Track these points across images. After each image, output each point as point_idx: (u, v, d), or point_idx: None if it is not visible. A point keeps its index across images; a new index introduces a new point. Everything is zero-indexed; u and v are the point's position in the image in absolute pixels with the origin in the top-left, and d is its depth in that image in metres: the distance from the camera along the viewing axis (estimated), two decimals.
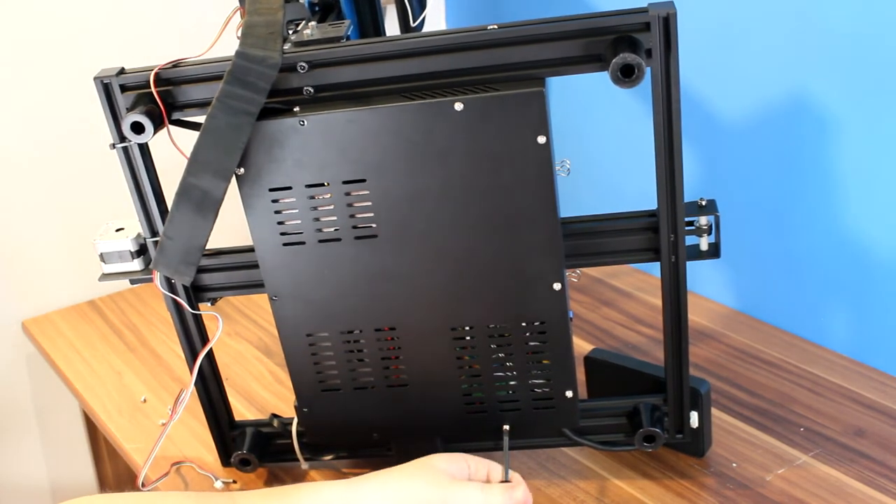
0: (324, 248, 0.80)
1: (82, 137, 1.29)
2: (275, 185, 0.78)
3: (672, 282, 0.79)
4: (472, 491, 0.73)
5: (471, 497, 0.73)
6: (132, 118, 0.75)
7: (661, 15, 0.70)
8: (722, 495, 0.85)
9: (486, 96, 0.73)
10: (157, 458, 0.94)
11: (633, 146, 1.19)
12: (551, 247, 0.78)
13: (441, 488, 0.72)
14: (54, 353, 1.24)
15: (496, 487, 0.74)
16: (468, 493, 0.73)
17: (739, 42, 1.05)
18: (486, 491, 0.73)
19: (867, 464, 0.88)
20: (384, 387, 0.86)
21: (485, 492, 0.73)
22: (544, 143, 0.73)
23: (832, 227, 1.02)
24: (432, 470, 0.74)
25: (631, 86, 0.69)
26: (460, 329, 0.82)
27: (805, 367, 1.03)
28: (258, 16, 0.77)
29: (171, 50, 0.81)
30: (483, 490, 0.73)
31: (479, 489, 0.73)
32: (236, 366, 1.15)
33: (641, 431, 0.84)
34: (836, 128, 0.99)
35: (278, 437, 0.93)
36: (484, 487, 0.73)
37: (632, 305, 1.19)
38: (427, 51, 0.74)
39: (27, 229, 1.31)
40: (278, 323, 0.84)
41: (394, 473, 0.74)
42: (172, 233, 0.75)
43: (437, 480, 0.73)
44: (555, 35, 0.72)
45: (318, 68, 0.75)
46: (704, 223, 0.79)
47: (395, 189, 0.77)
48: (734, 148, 1.10)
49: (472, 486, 0.73)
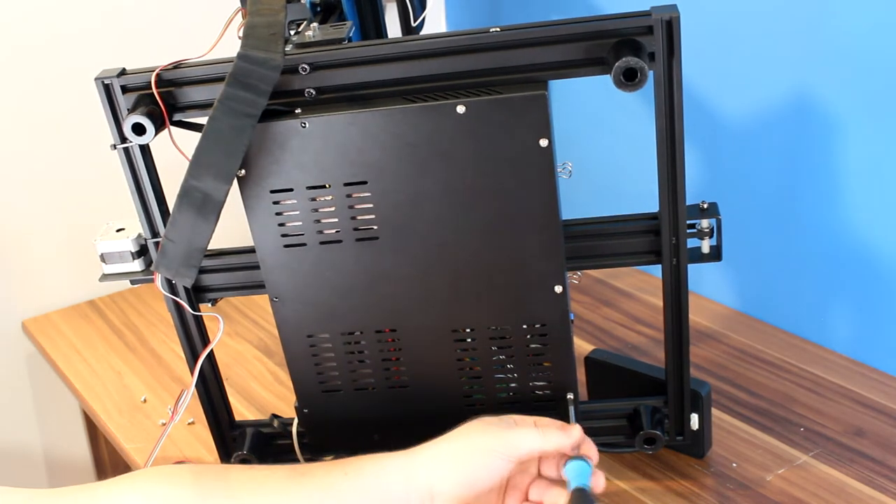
0: (325, 249, 0.80)
1: (83, 137, 1.29)
2: (276, 187, 0.78)
3: (673, 285, 0.79)
4: (529, 432, 0.71)
5: (529, 437, 0.71)
6: (133, 119, 0.75)
7: (664, 18, 0.70)
8: (722, 495, 0.85)
9: (489, 99, 0.73)
10: (157, 459, 0.93)
11: (634, 148, 1.19)
12: (553, 249, 0.78)
13: (497, 436, 0.71)
14: (54, 353, 1.23)
15: (552, 427, 0.72)
16: (526, 434, 0.71)
17: (741, 44, 1.05)
18: (544, 431, 0.71)
19: (867, 464, 0.88)
20: (385, 388, 0.86)
21: (542, 432, 0.71)
22: (546, 145, 0.73)
23: (833, 227, 1.02)
24: (484, 423, 0.72)
25: (633, 89, 0.69)
26: (461, 331, 0.82)
27: (805, 367, 1.03)
28: (260, 16, 0.77)
29: (173, 51, 0.80)
30: (539, 431, 0.71)
31: (535, 431, 0.71)
32: (236, 366, 1.15)
33: (642, 434, 0.84)
34: (836, 129, 0.99)
35: (278, 437, 0.92)
36: (539, 430, 0.72)
37: (632, 305, 1.19)
38: (429, 53, 0.74)
39: (27, 229, 1.31)
40: (279, 324, 0.84)
41: (448, 436, 0.73)
42: (174, 235, 0.75)
43: (492, 430, 0.71)
44: (557, 38, 0.72)
45: (319, 70, 0.75)
46: (706, 226, 0.79)
47: (396, 191, 0.77)
48: (735, 148, 1.10)
49: (528, 429, 0.72)
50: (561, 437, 0.72)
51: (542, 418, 0.75)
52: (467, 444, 0.71)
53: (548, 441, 0.71)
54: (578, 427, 0.73)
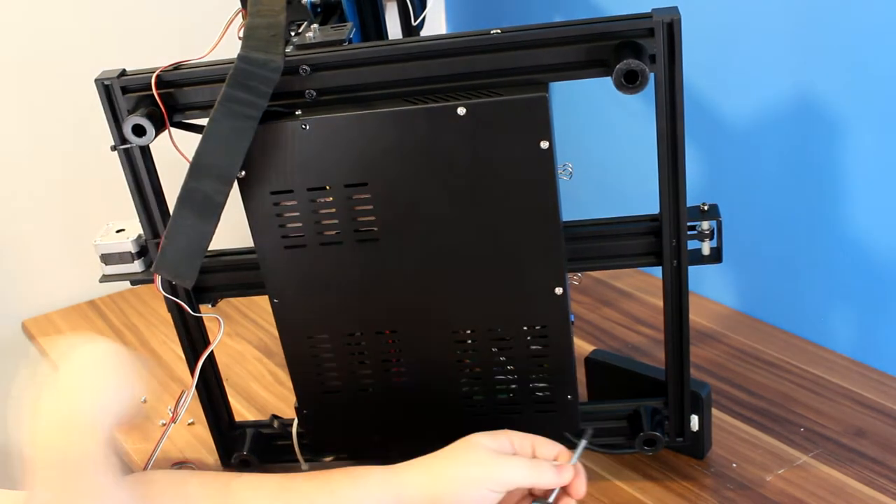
0: (325, 250, 0.80)
1: (83, 138, 1.28)
2: (276, 189, 0.78)
3: (674, 286, 0.79)
4: (519, 466, 0.70)
5: (519, 473, 0.70)
6: (133, 121, 0.75)
7: (664, 21, 0.70)
8: (722, 496, 0.85)
9: (489, 101, 0.72)
10: (157, 459, 0.93)
11: (635, 150, 1.19)
12: (553, 251, 0.78)
13: (486, 466, 0.70)
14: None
15: (545, 463, 0.71)
16: (516, 469, 0.70)
17: (741, 45, 1.05)
18: (535, 466, 0.70)
19: (867, 464, 0.88)
20: (385, 389, 0.86)
21: (533, 467, 0.70)
22: (547, 147, 0.73)
23: (833, 228, 1.02)
24: (475, 448, 0.71)
25: (634, 92, 0.69)
26: (461, 332, 0.82)
27: (805, 367, 1.03)
28: (260, 18, 0.77)
29: (173, 51, 0.80)
30: (531, 465, 0.70)
31: (527, 464, 0.70)
32: (236, 366, 1.15)
33: (642, 435, 0.84)
34: (836, 129, 0.99)
35: (278, 438, 0.92)
36: (532, 463, 0.70)
37: (632, 306, 1.19)
38: (430, 54, 0.74)
39: (27, 229, 1.31)
40: (279, 325, 0.84)
41: (437, 456, 0.72)
42: (174, 236, 0.75)
43: (481, 458, 0.70)
44: (558, 40, 0.72)
45: (320, 71, 0.75)
46: (707, 228, 0.79)
47: (396, 192, 0.77)
48: (736, 150, 1.10)
49: (519, 461, 0.70)
50: (552, 477, 0.71)
51: (542, 442, 0.73)
52: (455, 473, 0.70)
53: (539, 479, 0.71)
54: (573, 468, 0.72)
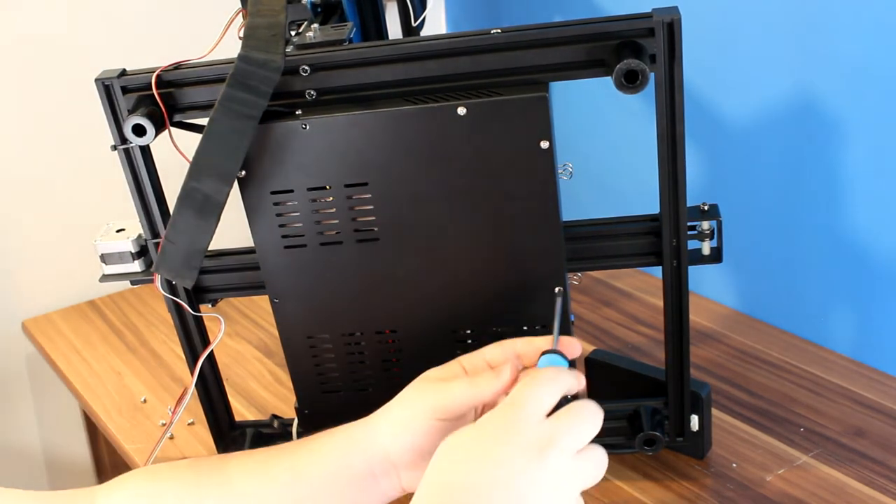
0: (325, 250, 0.80)
1: (83, 137, 1.29)
2: (276, 189, 0.78)
3: (674, 286, 0.79)
4: (459, 387, 0.68)
5: (459, 391, 0.68)
6: (133, 120, 0.75)
7: (665, 20, 0.70)
8: (722, 496, 0.85)
9: (490, 101, 0.72)
10: (157, 459, 0.93)
11: (635, 150, 1.19)
12: (553, 251, 0.78)
13: (432, 396, 0.69)
14: (54, 353, 1.23)
15: (483, 376, 0.69)
16: (456, 391, 0.68)
17: (742, 45, 1.05)
18: (473, 383, 0.68)
19: (867, 464, 0.88)
20: (385, 389, 0.85)
21: (472, 384, 0.68)
22: (547, 147, 0.73)
23: (833, 228, 1.02)
24: (422, 382, 0.71)
25: (635, 92, 0.69)
26: (461, 331, 0.82)
27: (805, 367, 1.03)
28: (260, 17, 0.77)
29: (173, 51, 0.80)
30: (471, 383, 0.68)
31: (467, 383, 0.69)
32: (236, 366, 1.15)
33: (642, 435, 0.84)
34: (836, 129, 0.99)
35: (278, 437, 0.92)
36: (472, 380, 0.69)
37: (632, 306, 1.19)
38: (430, 54, 0.74)
39: (27, 229, 1.31)
40: (279, 325, 0.84)
41: (392, 402, 0.71)
42: (174, 236, 0.75)
43: (428, 389, 0.70)
44: (558, 40, 0.72)
45: (320, 71, 0.75)
46: (707, 228, 0.79)
47: (397, 192, 0.77)
48: (736, 150, 1.10)
49: (456, 383, 0.69)
50: (491, 382, 0.68)
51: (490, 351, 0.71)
52: (409, 409, 0.69)
53: (478, 391, 0.68)
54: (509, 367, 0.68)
